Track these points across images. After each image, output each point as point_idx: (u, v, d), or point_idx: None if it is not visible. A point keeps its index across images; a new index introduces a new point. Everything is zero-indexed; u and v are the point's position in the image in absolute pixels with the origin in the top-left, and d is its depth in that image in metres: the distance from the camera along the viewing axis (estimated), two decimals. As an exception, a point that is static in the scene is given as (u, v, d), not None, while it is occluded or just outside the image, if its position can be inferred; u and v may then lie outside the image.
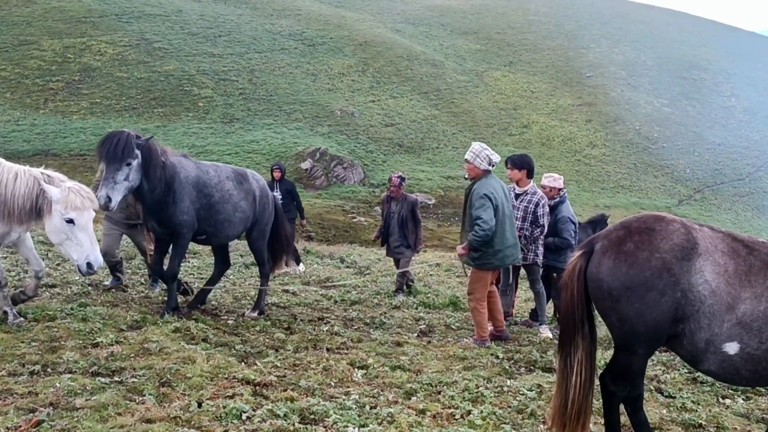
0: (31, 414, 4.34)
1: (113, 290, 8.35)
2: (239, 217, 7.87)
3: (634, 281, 4.00)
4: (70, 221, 5.71)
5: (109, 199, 6.50)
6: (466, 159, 7.39)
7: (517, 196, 8.46)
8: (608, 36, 68.61)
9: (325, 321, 8.20)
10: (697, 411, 5.64)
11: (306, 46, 52.02)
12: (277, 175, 12.70)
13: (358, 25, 58.95)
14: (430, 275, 13.96)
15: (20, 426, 4.14)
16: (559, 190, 8.87)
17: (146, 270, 9.41)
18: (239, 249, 14.60)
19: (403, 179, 10.54)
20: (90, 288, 8.45)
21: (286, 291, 10.15)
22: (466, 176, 7.60)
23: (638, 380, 4.31)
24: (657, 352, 7.48)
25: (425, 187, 34.77)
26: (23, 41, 44.01)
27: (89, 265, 5.82)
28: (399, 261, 10.79)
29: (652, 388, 6.23)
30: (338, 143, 39.06)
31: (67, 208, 5.70)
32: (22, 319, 6.35)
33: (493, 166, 7.33)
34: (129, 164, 6.61)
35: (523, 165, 8.58)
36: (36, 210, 5.83)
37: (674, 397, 6.04)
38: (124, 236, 8.89)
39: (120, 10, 49.95)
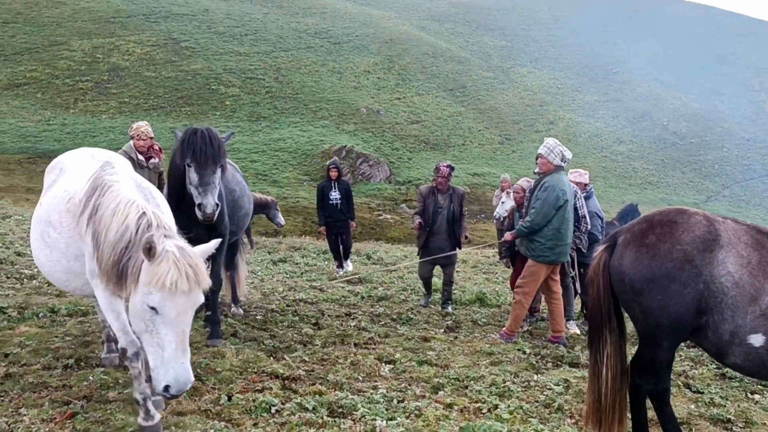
0: (66, 406, 4.46)
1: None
2: (250, 208, 7.72)
3: (656, 273, 4.00)
4: (153, 308, 3.49)
5: (217, 206, 5.70)
6: (539, 153, 7.42)
7: None
8: (635, 31, 67.78)
9: (352, 317, 8.25)
10: (725, 406, 5.60)
11: (332, 44, 52.13)
12: (334, 174, 12.05)
13: (384, 22, 58.94)
14: (457, 272, 13.95)
15: (55, 418, 4.25)
16: (585, 185, 8.83)
17: None
18: (266, 246, 14.73)
19: (452, 168, 9.30)
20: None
21: (314, 287, 10.23)
22: (536, 170, 7.70)
23: (664, 374, 4.29)
24: (685, 348, 7.43)
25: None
26: (53, 42, 44.66)
27: (166, 388, 3.46)
28: (446, 266, 9.39)
29: (680, 383, 6.19)
30: (364, 141, 39.11)
31: (150, 285, 3.47)
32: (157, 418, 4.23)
33: (565, 162, 7.43)
34: (222, 166, 5.92)
35: None
36: (120, 271, 3.73)
37: (702, 393, 6.00)
38: None
39: (148, 10, 50.49)
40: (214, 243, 3.85)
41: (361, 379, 5.68)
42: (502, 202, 13.02)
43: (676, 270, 3.95)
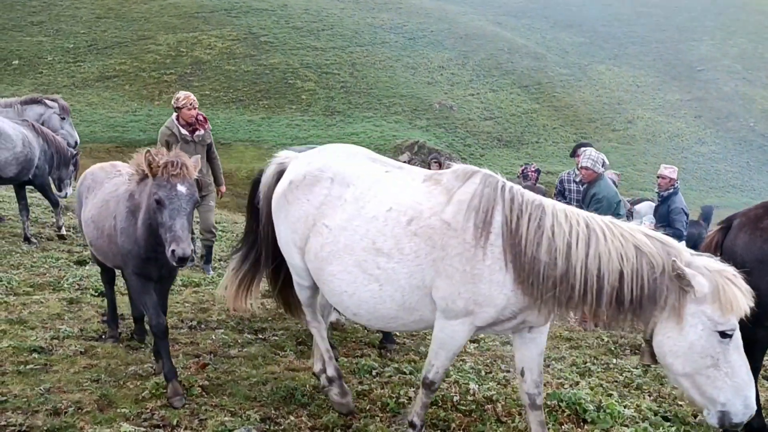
0: (197, 358, 5.07)
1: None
2: None
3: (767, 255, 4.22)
4: (726, 337, 3.30)
5: None
6: (585, 166, 7.92)
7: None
8: (723, 27, 65.10)
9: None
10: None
11: (407, 39, 52.42)
12: (435, 168, 12.20)
13: (459, 17, 58.82)
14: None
15: (190, 367, 4.87)
16: (673, 181, 9.01)
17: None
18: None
19: (539, 172, 9.14)
20: (222, 262, 9.25)
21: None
22: (578, 178, 8.21)
23: (759, 353, 4.51)
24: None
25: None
26: (141, 36, 46.47)
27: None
28: None
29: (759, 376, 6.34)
30: (436, 137, 39.34)
31: (728, 313, 3.26)
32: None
33: (606, 167, 8.05)
34: None
35: None
36: (647, 300, 3.32)
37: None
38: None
39: (229, 5, 51.92)
40: None
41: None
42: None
43: None
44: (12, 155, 8.53)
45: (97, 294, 6.56)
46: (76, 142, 10.41)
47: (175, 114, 7.66)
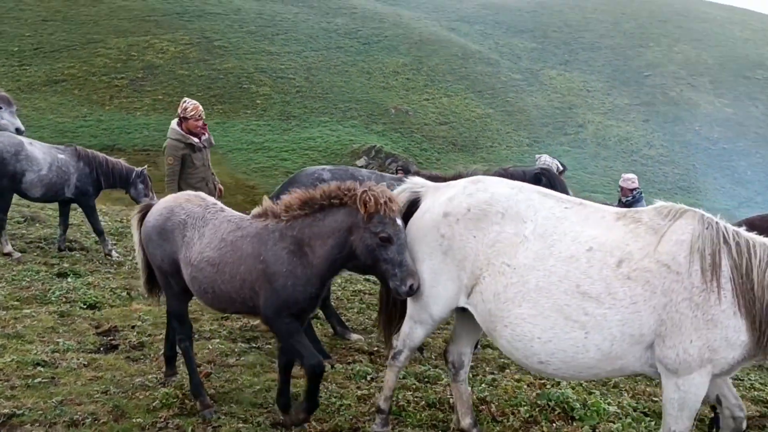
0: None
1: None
2: None
3: None
4: None
5: None
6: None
7: None
8: (668, 34, 67.07)
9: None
10: (764, 390, 6.28)
11: (361, 44, 52.72)
12: (400, 175, 12.27)
13: (414, 23, 59.36)
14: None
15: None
16: (632, 190, 9.46)
17: None
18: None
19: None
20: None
21: (368, 280, 10.87)
22: None
23: None
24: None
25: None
26: (90, 39, 45.60)
27: None
28: None
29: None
30: (393, 141, 39.68)
31: None
32: None
33: (561, 171, 8.39)
34: None
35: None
36: None
37: (742, 380, 6.65)
38: None
39: (182, 9, 51.39)
40: None
41: (434, 357, 6.34)
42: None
43: None
44: (36, 177, 8.99)
45: (86, 306, 6.61)
46: (17, 130, 9.86)
47: (176, 122, 7.29)
